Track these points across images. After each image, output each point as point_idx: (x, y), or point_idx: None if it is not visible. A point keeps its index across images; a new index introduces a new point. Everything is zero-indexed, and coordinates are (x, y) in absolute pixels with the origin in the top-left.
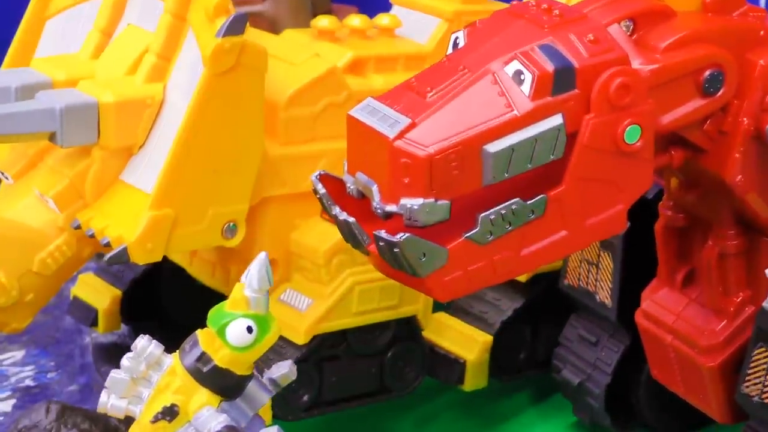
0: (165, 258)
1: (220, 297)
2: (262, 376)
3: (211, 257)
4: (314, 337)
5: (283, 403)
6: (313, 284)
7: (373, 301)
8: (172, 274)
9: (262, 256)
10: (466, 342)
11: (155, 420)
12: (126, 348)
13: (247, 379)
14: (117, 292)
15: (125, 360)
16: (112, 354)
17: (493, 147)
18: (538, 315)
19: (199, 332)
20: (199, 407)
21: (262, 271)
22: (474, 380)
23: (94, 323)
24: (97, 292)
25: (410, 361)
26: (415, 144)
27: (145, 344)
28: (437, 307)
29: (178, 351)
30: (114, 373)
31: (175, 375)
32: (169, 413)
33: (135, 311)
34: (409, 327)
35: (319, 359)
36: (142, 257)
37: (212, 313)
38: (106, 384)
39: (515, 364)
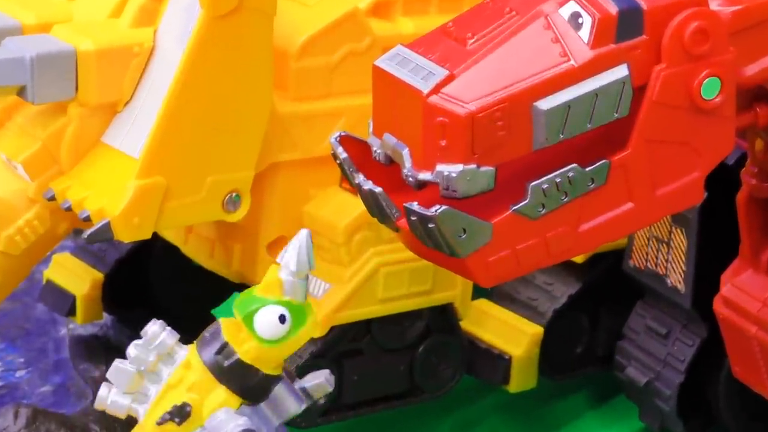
0: (155, 235)
1: (220, 281)
2: (292, 383)
3: (210, 234)
4: (332, 329)
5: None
6: (331, 266)
7: (402, 285)
8: (163, 254)
9: (303, 234)
10: (511, 334)
11: (162, 421)
12: (109, 342)
13: (274, 380)
14: (98, 276)
15: (132, 348)
16: (93, 349)
17: (546, 103)
18: (597, 302)
19: (222, 320)
20: (215, 408)
21: (302, 251)
22: (521, 380)
23: (70, 312)
24: (75, 276)
25: (446, 356)
26: (454, 100)
27: (156, 330)
28: (478, 293)
29: (195, 341)
30: (118, 363)
31: (190, 369)
32: (180, 414)
33: (120, 298)
34: (444, 317)
35: (338, 355)
36: (128, 234)
37: (240, 299)
38: (108, 375)
39: (570, 361)
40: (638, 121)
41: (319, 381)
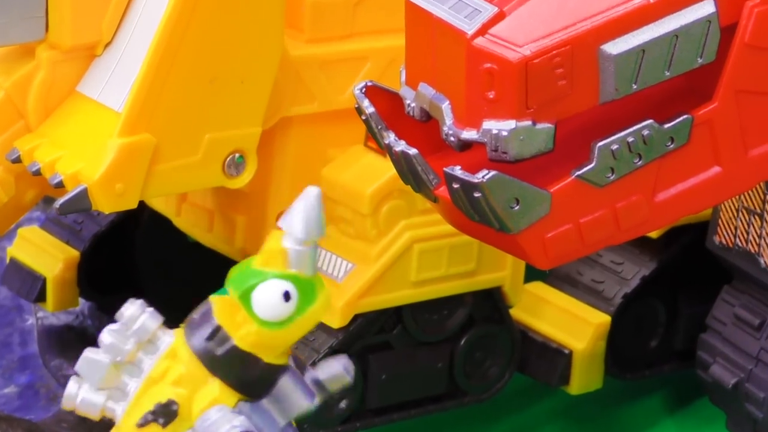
0: (142, 205)
1: (220, 261)
2: (303, 374)
3: (209, 204)
4: (356, 318)
5: (313, 411)
6: (355, 242)
7: (440, 265)
8: (152, 227)
9: (311, 192)
10: (572, 325)
11: (144, 422)
12: (86, 333)
13: (279, 371)
14: (73, 254)
15: (107, 334)
16: (66, 342)
17: (616, 47)
18: (675, 286)
19: (214, 299)
20: (207, 405)
21: (310, 212)
22: (584, 379)
23: (40, 298)
24: (45, 254)
25: (493, 351)
26: (504, 42)
27: (134, 312)
28: (531, 275)
29: (182, 326)
30: (89, 353)
31: (177, 359)
32: (164, 413)
33: (99, 281)
34: (491, 303)
35: (363, 349)
36: (109, 203)
37: (235, 272)
38: (77, 367)
39: (643, 357)
40: (727, 67)
41: (336, 370)
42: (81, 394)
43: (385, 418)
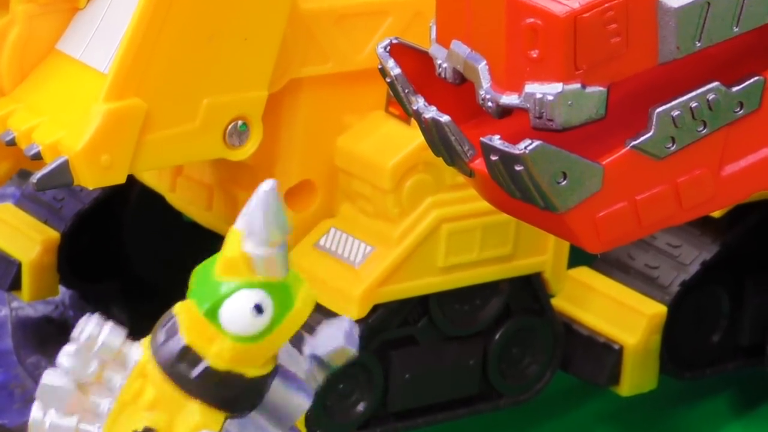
0: (131, 179)
1: (220, 242)
2: (300, 349)
3: (207, 178)
4: (375, 309)
5: (326, 414)
6: (374, 222)
7: (473, 249)
8: (142, 205)
9: (267, 186)
10: (623, 316)
11: None
12: (67, 326)
13: (266, 380)
14: (52, 235)
15: (64, 358)
16: (45, 336)
17: None
18: (741, 272)
19: (178, 310)
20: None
21: (271, 208)
22: (636, 378)
23: (14, 286)
24: (20, 235)
25: (532, 347)
26: None
27: (92, 332)
28: (576, 259)
29: (145, 340)
30: (49, 378)
31: (147, 379)
32: None
33: (82, 266)
34: (530, 292)
35: (384, 345)
36: (94, 177)
37: (196, 283)
38: (38, 395)
39: (704, 353)
40: None
41: (336, 344)
42: (48, 419)
43: (409, 423)
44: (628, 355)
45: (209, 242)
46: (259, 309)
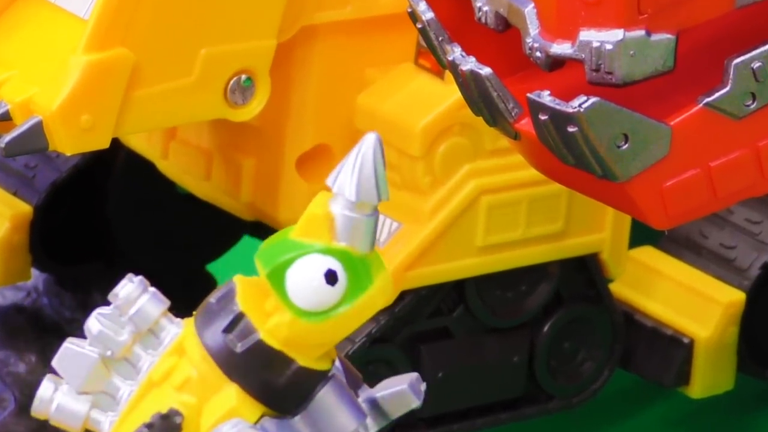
0: (116, 144)
1: (221, 218)
2: (356, 392)
3: (206, 142)
4: (402, 296)
5: None
6: (401, 193)
7: (517, 225)
8: (129, 174)
9: (370, 139)
10: (694, 305)
11: None
12: (41, 316)
13: (317, 378)
14: (24, 209)
15: (95, 321)
16: (15, 328)
17: None
18: None
19: (238, 279)
20: (221, 419)
21: (367, 168)
22: (709, 378)
23: None
24: None
25: (587, 341)
26: None
27: (132, 292)
28: (639, 238)
29: (194, 313)
30: (71, 344)
31: (184, 357)
32: (164, 426)
33: (58, 246)
34: (584, 276)
35: (413, 338)
36: (72, 141)
37: (266, 245)
38: (55, 363)
39: None
40: None
41: (399, 389)
42: (58, 398)
43: (442, 430)
44: (699, 351)
45: (207, 217)
46: (331, 277)
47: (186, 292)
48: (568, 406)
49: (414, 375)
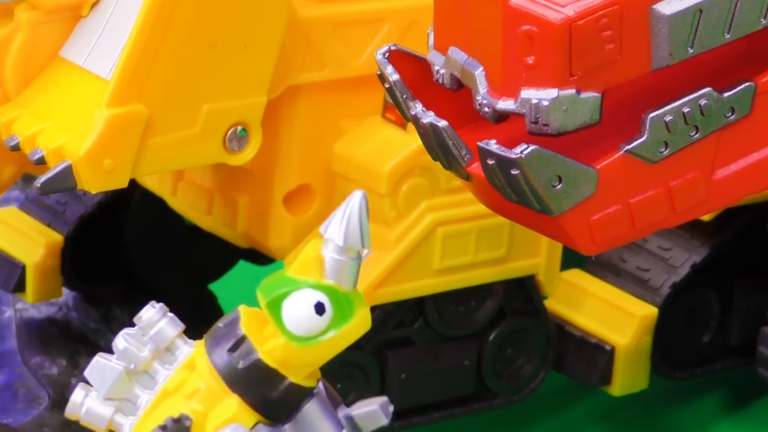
0: (133, 183)
1: (221, 246)
2: (335, 409)
3: (207, 182)
4: (372, 310)
5: None
6: (371, 225)
7: (468, 251)
8: (144, 209)
9: (357, 196)
10: (615, 318)
11: None
12: (70, 327)
13: (304, 393)
14: (56, 238)
15: (122, 339)
16: (49, 337)
17: (670, 6)
18: (731, 274)
19: (242, 308)
20: (223, 423)
21: (353, 219)
22: (627, 379)
23: (18, 288)
24: (25, 238)
25: (526, 348)
26: (545, 2)
27: (153, 317)
28: (569, 262)
29: (205, 336)
30: (101, 359)
31: (195, 372)
32: (176, 429)
33: (85, 269)
34: (524, 294)
35: (380, 345)
36: (96, 181)
37: (267, 280)
38: (87, 373)
39: (694, 354)
40: None
41: (372, 409)
42: (87, 403)
43: (405, 422)
44: (619, 356)
45: (209, 245)
46: (320, 309)
47: (191, 307)
48: (511, 402)
49: (384, 398)
